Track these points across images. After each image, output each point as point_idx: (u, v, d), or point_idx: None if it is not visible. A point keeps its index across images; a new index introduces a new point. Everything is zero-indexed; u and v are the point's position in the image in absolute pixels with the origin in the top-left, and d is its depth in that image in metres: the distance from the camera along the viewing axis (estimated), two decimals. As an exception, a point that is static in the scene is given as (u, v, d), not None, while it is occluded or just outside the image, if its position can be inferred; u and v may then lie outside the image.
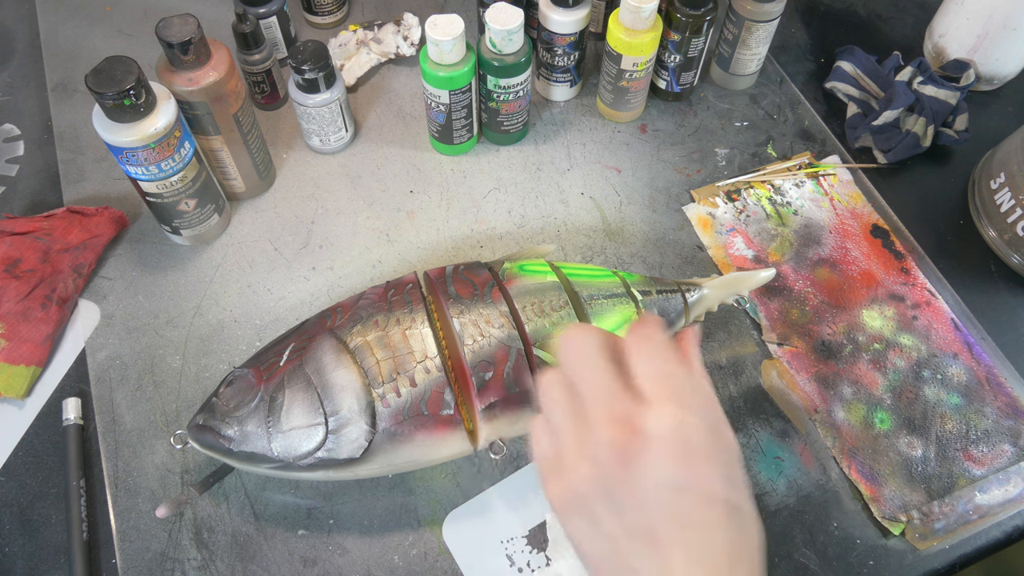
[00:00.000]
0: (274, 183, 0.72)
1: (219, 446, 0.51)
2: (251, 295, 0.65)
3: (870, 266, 0.68)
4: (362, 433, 0.49)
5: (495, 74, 0.67)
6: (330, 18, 0.83)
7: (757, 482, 0.57)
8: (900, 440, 0.59)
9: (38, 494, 0.56)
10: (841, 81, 0.78)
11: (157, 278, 0.66)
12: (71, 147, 0.74)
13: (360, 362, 0.50)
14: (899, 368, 0.62)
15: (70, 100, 0.77)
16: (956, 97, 0.74)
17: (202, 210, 0.64)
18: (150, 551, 0.54)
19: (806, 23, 0.87)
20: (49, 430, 0.59)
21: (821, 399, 0.61)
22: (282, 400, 0.50)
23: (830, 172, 0.74)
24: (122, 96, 0.53)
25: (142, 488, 0.56)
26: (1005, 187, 0.67)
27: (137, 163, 0.57)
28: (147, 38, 0.82)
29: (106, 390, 0.60)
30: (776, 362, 0.62)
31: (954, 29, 0.78)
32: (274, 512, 0.55)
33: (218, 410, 0.51)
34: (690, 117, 0.78)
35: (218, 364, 0.62)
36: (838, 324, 0.64)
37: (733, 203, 0.71)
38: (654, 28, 0.68)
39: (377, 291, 0.55)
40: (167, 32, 0.57)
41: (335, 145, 0.73)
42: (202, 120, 0.61)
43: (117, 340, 0.63)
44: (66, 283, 0.63)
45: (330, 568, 0.53)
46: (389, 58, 0.80)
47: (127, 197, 0.70)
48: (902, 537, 0.55)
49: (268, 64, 0.72)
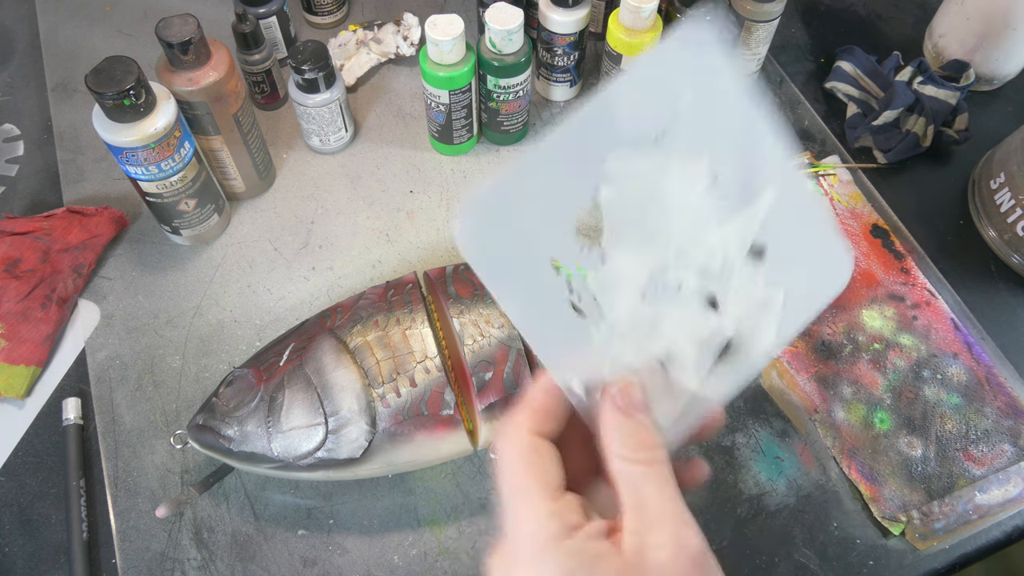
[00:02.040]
0: (274, 183, 0.72)
1: (219, 446, 0.51)
2: (251, 295, 0.65)
3: (870, 266, 0.68)
4: (362, 433, 0.49)
5: (495, 74, 0.67)
6: (330, 18, 0.83)
7: (757, 482, 0.57)
8: (900, 440, 0.59)
9: (38, 494, 0.56)
10: (841, 81, 0.78)
11: (157, 278, 0.66)
12: (71, 147, 0.74)
13: (360, 362, 0.50)
14: (899, 368, 0.62)
15: (70, 100, 0.77)
16: (956, 97, 0.74)
17: (202, 210, 0.64)
18: (150, 551, 0.54)
19: (806, 23, 0.87)
20: (49, 430, 0.59)
21: (821, 399, 0.61)
22: (282, 400, 0.50)
23: (830, 172, 0.74)
24: (122, 96, 0.53)
25: (142, 488, 0.56)
26: (1005, 187, 0.67)
27: (137, 163, 0.57)
28: (147, 38, 0.82)
29: (106, 390, 0.60)
30: (776, 362, 0.62)
31: (954, 29, 0.78)
32: (274, 512, 0.55)
33: (218, 410, 0.51)
34: (690, 117, 0.78)
35: (218, 364, 0.62)
36: (838, 324, 0.64)
37: (733, 203, 0.71)
38: (654, 28, 0.68)
39: (377, 291, 0.55)
40: (167, 32, 0.57)
41: (335, 145, 0.73)
42: (202, 120, 0.61)
43: (117, 340, 0.63)
44: (66, 283, 0.63)
45: (330, 568, 0.53)
46: (389, 58, 0.80)
47: (127, 197, 0.70)
48: (902, 537, 0.55)
49: (268, 64, 0.72)
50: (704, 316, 0.33)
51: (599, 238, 0.32)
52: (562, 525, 0.28)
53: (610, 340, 0.32)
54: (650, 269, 0.32)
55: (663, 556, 0.28)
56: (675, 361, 0.33)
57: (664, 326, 0.33)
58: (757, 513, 0.56)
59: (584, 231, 0.32)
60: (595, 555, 0.28)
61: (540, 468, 0.30)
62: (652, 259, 0.32)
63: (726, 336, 0.33)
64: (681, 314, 0.33)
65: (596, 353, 0.32)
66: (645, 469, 0.29)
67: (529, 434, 0.31)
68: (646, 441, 0.30)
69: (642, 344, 0.32)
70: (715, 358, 0.33)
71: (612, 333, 0.32)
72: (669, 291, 0.33)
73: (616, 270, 0.32)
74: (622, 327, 0.32)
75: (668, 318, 0.33)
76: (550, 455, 0.30)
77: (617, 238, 0.32)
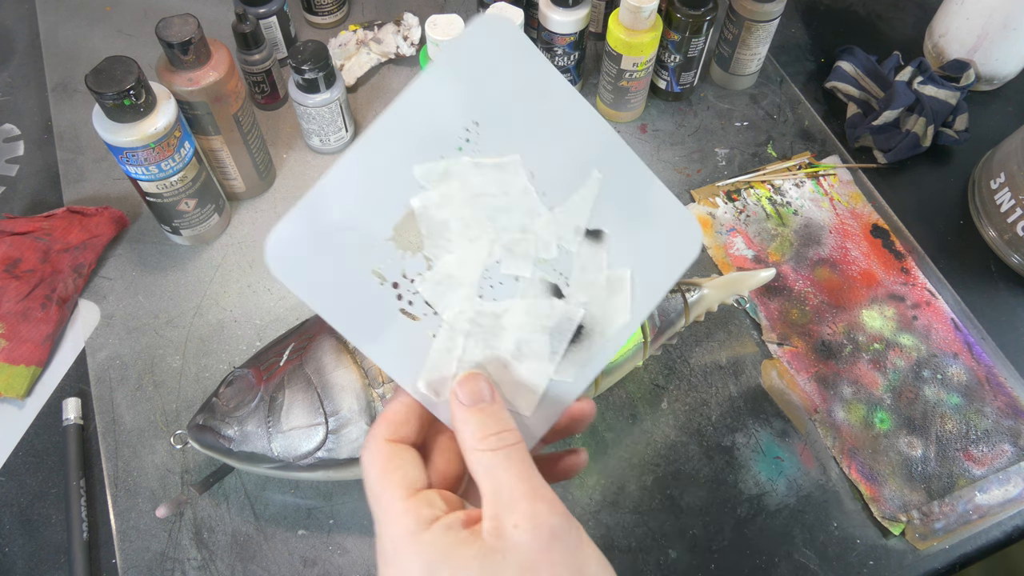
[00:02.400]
0: (274, 183, 0.72)
1: (219, 446, 0.51)
2: (251, 295, 0.65)
3: (870, 266, 0.68)
4: (362, 433, 0.49)
5: (495, 74, 0.66)
6: (330, 18, 0.83)
7: (757, 482, 0.57)
8: (900, 440, 0.59)
9: (38, 494, 0.56)
10: (841, 81, 0.78)
11: (157, 278, 0.66)
12: (71, 147, 0.74)
13: (360, 362, 0.50)
14: (899, 368, 0.62)
15: (70, 100, 0.77)
16: (956, 97, 0.74)
17: (202, 210, 0.64)
18: (150, 551, 0.54)
19: (806, 23, 0.87)
20: (49, 430, 0.59)
21: (821, 399, 0.61)
22: (282, 400, 0.50)
23: (830, 172, 0.74)
24: (122, 96, 0.53)
25: (142, 488, 0.56)
26: (1005, 187, 0.67)
27: (137, 163, 0.57)
28: (147, 38, 0.82)
29: (106, 390, 0.60)
30: (776, 362, 0.62)
31: (954, 29, 0.78)
32: (274, 512, 0.55)
33: (218, 410, 0.51)
34: (690, 117, 0.78)
35: (218, 364, 0.62)
36: (838, 324, 0.64)
37: (733, 203, 0.71)
38: (654, 28, 0.68)
39: (377, 291, 0.55)
40: (167, 32, 0.57)
41: (335, 145, 0.73)
42: (202, 120, 0.61)
43: (117, 340, 0.63)
44: (66, 283, 0.63)
45: (330, 568, 0.53)
46: (389, 58, 0.80)
47: (127, 197, 0.70)
48: (902, 537, 0.55)
49: (268, 64, 0.72)
50: (549, 304, 0.33)
51: (420, 245, 0.32)
52: (416, 519, 0.29)
53: (453, 340, 0.33)
54: (481, 266, 0.33)
55: (521, 536, 0.28)
56: (526, 352, 0.33)
57: (508, 319, 0.33)
58: (757, 513, 0.56)
59: (402, 240, 0.32)
60: (452, 543, 0.28)
61: (394, 471, 0.30)
62: (481, 256, 0.33)
63: (575, 322, 0.34)
64: (524, 305, 0.33)
65: (441, 355, 0.33)
66: (494, 453, 0.30)
67: (384, 442, 0.31)
68: (493, 427, 0.30)
69: (488, 340, 0.33)
70: (567, 344, 0.34)
71: (454, 332, 0.32)
72: (507, 285, 0.33)
73: (444, 272, 0.32)
74: (463, 326, 0.33)
75: (511, 311, 0.33)
76: (405, 458, 0.31)
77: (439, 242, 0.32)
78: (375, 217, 0.31)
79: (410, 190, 0.31)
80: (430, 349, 0.32)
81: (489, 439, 0.30)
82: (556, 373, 0.34)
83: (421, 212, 0.32)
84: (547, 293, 0.34)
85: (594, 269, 0.34)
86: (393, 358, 0.32)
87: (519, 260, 0.33)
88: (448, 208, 0.32)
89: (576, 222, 0.33)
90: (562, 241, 0.33)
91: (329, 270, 0.31)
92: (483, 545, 0.28)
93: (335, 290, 0.31)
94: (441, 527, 0.29)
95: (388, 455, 0.31)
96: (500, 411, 0.31)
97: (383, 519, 0.30)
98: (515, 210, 0.33)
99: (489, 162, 0.32)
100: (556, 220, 0.33)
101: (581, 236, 0.33)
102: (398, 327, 0.32)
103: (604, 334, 0.34)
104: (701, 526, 0.56)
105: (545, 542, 0.28)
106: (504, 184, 0.32)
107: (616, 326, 0.34)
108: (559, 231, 0.33)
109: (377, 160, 0.31)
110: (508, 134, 0.32)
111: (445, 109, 0.31)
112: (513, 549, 0.28)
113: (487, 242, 0.33)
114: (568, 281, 0.34)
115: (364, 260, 0.31)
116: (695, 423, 0.60)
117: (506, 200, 0.32)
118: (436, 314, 0.32)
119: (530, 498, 0.29)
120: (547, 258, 0.33)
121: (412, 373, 0.32)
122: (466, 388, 0.32)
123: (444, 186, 0.32)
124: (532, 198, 0.33)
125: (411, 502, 0.29)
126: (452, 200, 0.32)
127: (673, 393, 0.61)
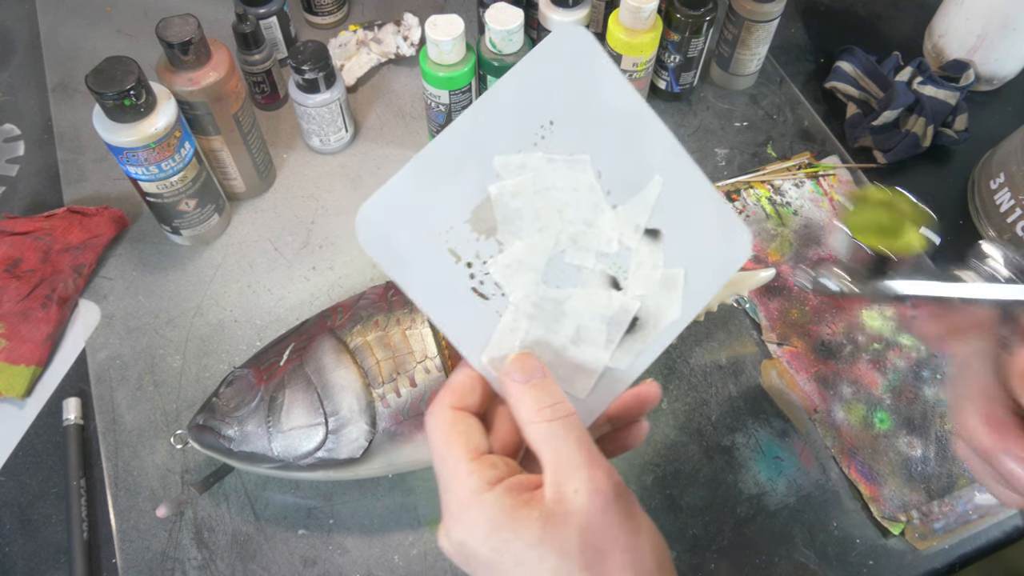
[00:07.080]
0: (274, 183, 0.72)
1: (219, 446, 0.51)
2: (251, 295, 0.65)
3: (870, 266, 0.68)
4: (362, 433, 0.49)
5: (495, 74, 0.67)
6: (330, 18, 0.83)
7: (757, 482, 0.57)
8: (900, 440, 0.59)
9: (38, 494, 0.56)
10: (841, 81, 0.78)
11: (157, 278, 0.66)
12: (71, 147, 0.74)
13: (360, 362, 0.51)
14: (899, 368, 0.62)
15: (70, 100, 0.77)
16: (956, 97, 0.74)
17: (202, 210, 0.64)
18: (150, 551, 0.54)
19: (806, 23, 0.87)
20: (49, 430, 0.59)
21: (821, 399, 0.61)
22: (282, 400, 0.50)
23: (830, 172, 0.74)
24: (122, 96, 0.53)
25: (142, 488, 0.56)
26: (1005, 187, 0.67)
27: (137, 163, 0.57)
28: (147, 38, 0.82)
29: (106, 390, 0.60)
30: (776, 362, 0.62)
31: (954, 29, 0.78)
32: (274, 512, 0.55)
33: (218, 410, 0.51)
34: (690, 117, 0.78)
35: (218, 364, 0.62)
36: (838, 324, 0.64)
37: (733, 203, 0.71)
38: (654, 28, 0.68)
39: (377, 291, 0.55)
40: (167, 32, 0.57)
41: (335, 145, 0.73)
42: (202, 120, 0.61)
43: (117, 340, 0.63)
44: (66, 283, 0.63)
45: (330, 568, 0.53)
46: (389, 58, 0.80)
47: (127, 197, 0.70)
48: (902, 537, 0.55)
49: (268, 64, 0.72)
50: (607, 296, 0.36)
51: (494, 230, 0.35)
52: (481, 480, 0.31)
53: (517, 321, 0.35)
54: (547, 255, 0.35)
55: (580, 500, 0.30)
56: (584, 337, 0.36)
57: (569, 306, 0.36)
58: (757, 513, 0.56)
59: (479, 224, 0.35)
60: (514, 505, 0.30)
61: (459, 435, 0.32)
62: (548, 245, 0.35)
63: (631, 313, 0.36)
64: (584, 294, 0.36)
65: (505, 334, 0.35)
66: (550, 424, 0.31)
67: (448, 408, 0.33)
68: (547, 400, 0.32)
69: (550, 324, 0.35)
70: (623, 333, 0.36)
71: (518, 314, 0.35)
72: (570, 274, 0.35)
73: (513, 256, 0.35)
74: (528, 308, 0.35)
75: (573, 299, 0.36)
76: (468, 423, 0.33)
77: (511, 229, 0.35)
78: (456, 200, 0.34)
79: (488, 178, 0.34)
80: (496, 328, 0.35)
81: (544, 411, 0.32)
82: (611, 360, 0.36)
83: (497, 199, 0.35)
84: (607, 284, 0.36)
85: (651, 265, 0.36)
86: (461, 332, 0.34)
87: (583, 251, 0.35)
88: (521, 198, 0.34)
89: (637, 220, 0.36)
90: (623, 237, 0.36)
91: (411, 245, 0.34)
92: (544, 508, 0.30)
93: (415, 264, 0.34)
94: (504, 488, 0.30)
95: (453, 420, 0.33)
96: (552, 385, 0.33)
97: (448, 479, 0.32)
98: (581, 205, 0.35)
99: (561, 159, 0.35)
100: (618, 217, 0.35)
101: (640, 234, 0.36)
102: (468, 304, 0.35)
103: (657, 327, 0.36)
104: (701, 526, 0.56)
105: (603, 506, 0.30)
106: (573, 180, 0.35)
107: (668, 320, 0.37)
108: (620, 228, 0.36)
109: (460, 150, 0.34)
110: (580, 135, 0.35)
111: (525, 107, 0.34)
112: (574, 513, 0.29)
113: (554, 232, 0.35)
114: (626, 275, 0.36)
115: (443, 239, 0.34)
116: (695, 423, 0.60)
117: (574, 195, 0.35)
118: (504, 295, 0.35)
119: (588, 465, 0.30)
120: (608, 252, 0.36)
121: (478, 348, 0.35)
122: (519, 366, 0.33)
123: (519, 177, 0.34)
124: (598, 195, 0.35)
125: (475, 464, 0.31)
126: (525, 191, 0.34)
127: (673, 393, 0.61)
